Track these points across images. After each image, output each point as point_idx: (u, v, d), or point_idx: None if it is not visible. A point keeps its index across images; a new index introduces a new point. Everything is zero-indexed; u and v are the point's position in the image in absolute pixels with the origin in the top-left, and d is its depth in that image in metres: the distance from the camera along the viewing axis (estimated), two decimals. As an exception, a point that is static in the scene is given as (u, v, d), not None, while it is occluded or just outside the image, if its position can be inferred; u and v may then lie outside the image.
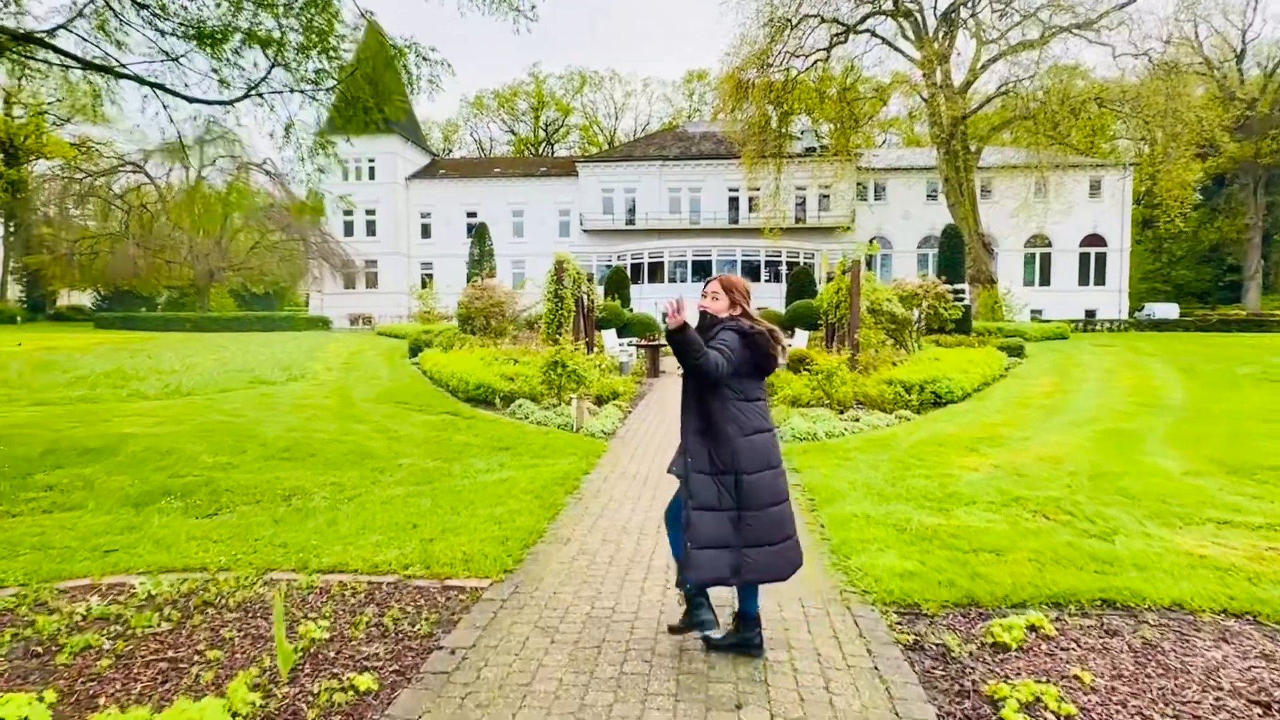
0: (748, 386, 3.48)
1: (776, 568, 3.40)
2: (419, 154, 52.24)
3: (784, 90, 36.79)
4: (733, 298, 3.59)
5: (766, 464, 3.43)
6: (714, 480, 3.38)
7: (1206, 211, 53.34)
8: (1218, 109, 38.21)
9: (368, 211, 49.03)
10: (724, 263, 41.59)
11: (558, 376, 11.47)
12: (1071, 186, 42.93)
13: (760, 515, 3.35)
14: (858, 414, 10.95)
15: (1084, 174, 44.47)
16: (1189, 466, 7.29)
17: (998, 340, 22.83)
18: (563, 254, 18.62)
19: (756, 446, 3.41)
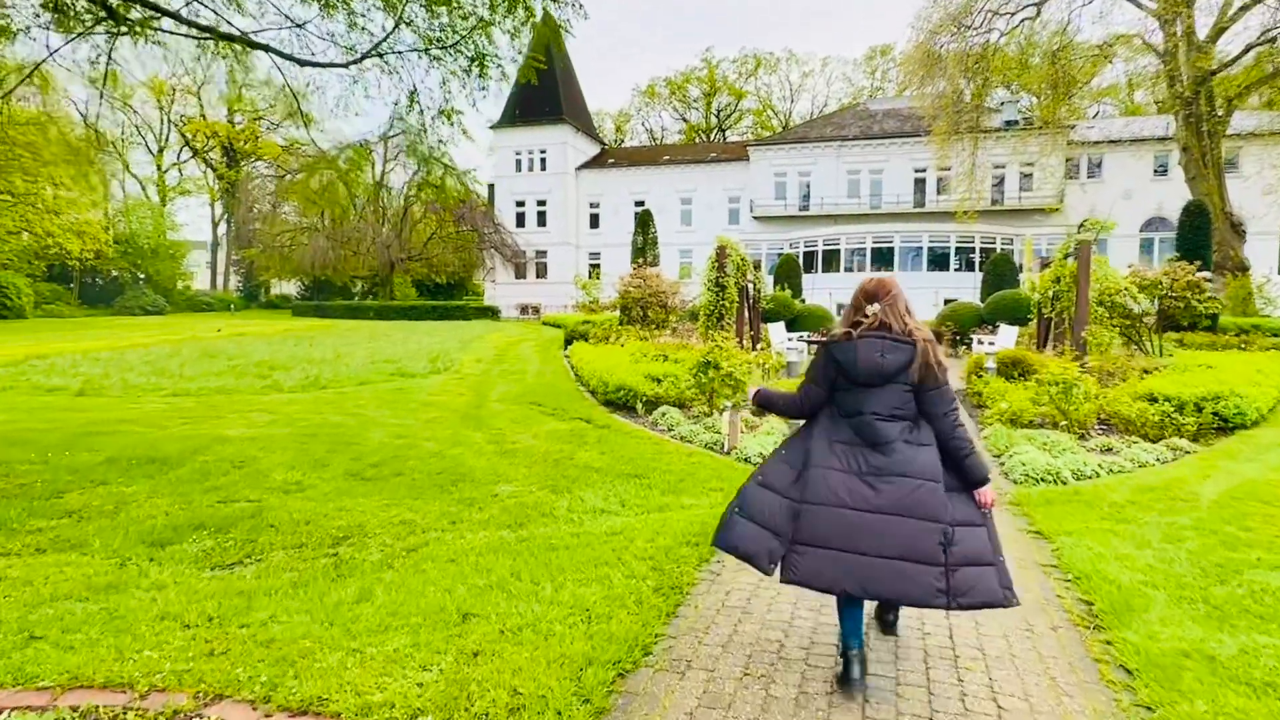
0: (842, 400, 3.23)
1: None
2: (589, 144, 51.86)
3: (981, 59, 32.46)
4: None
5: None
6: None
7: None
8: None
9: (539, 202, 49.22)
10: (908, 250, 37.68)
11: (708, 380, 9.45)
12: (1348, 155, 35.12)
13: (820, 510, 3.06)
14: (1108, 440, 8.09)
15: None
16: None
17: (1264, 340, 18.20)
18: (725, 238, 16.59)
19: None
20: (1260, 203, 35.34)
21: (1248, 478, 6.48)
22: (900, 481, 3.03)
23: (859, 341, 3.16)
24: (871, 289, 3.26)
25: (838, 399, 3.24)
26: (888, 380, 3.12)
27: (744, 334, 17.19)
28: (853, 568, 2.98)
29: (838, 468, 3.10)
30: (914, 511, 2.99)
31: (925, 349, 3.13)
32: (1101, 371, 12.67)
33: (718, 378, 9.46)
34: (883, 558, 2.96)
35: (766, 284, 29.90)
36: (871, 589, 3.01)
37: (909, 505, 3.00)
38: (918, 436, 3.13)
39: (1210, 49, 29.87)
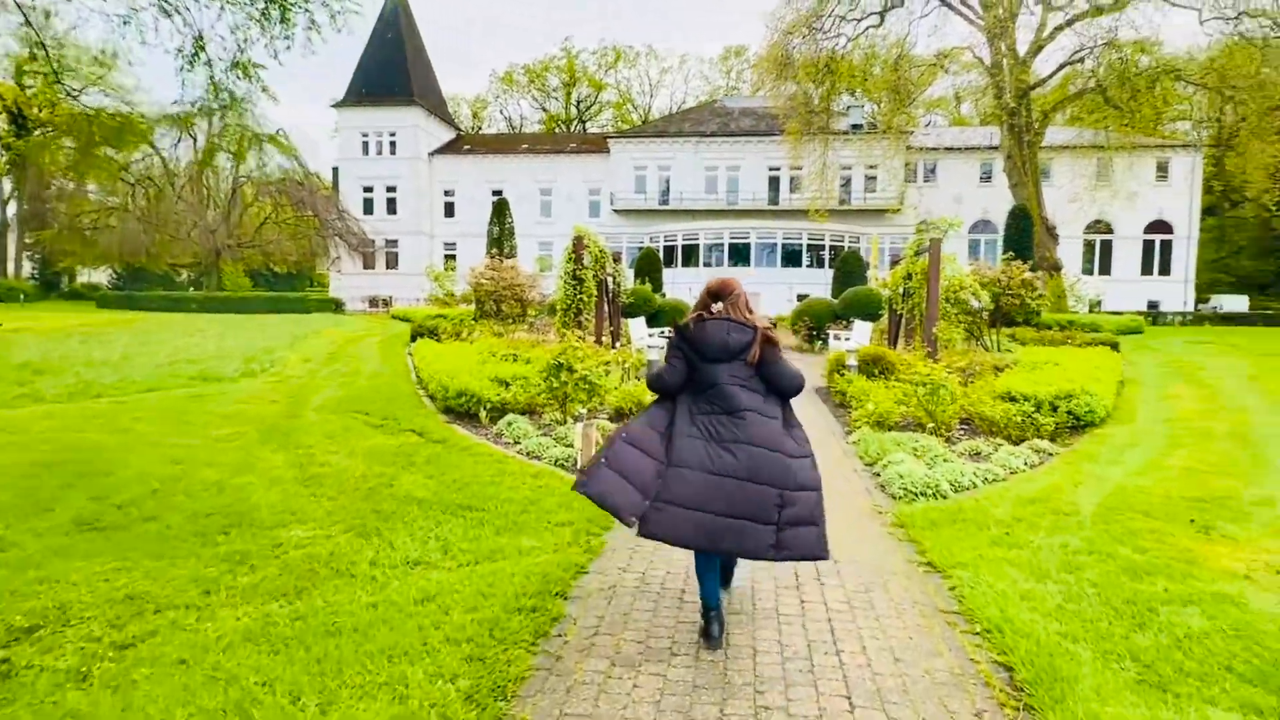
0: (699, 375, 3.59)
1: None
2: (444, 129, 49.25)
3: (828, 67, 33.20)
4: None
5: None
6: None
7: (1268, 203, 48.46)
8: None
9: (388, 188, 46.18)
10: (763, 246, 38.10)
11: (560, 384, 8.35)
12: (1136, 170, 38.73)
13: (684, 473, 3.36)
14: (975, 443, 7.69)
15: (1150, 156, 40.22)
16: None
17: (1082, 335, 19.27)
18: (582, 228, 15.56)
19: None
20: (1068, 210, 38.37)
21: (1117, 483, 6.15)
22: (752, 450, 3.39)
23: (709, 324, 3.59)
24: (715, 288, 3.74)
25: (701, 375, 3.58)
26: (733, 356, 3.55)
27: (603, 330, 16.23)
28: (706, 525, 3.29)
29: (699, 435, 3.45)
30: (760, 477, 3.35)
31: (763, 332, 3.60)
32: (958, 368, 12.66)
33: (571, 381, 8.39)
34: (730, 517, 3.30)
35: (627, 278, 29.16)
36: (719, 545, 3.36)
37: (757, 471, 3.36)
38: (767, 409, 3.55)
39: (1029, 65, 31.88)
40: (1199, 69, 31.00)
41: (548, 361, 8.43)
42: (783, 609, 3.89)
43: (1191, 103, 41.50)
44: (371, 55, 46.84)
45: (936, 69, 35.32)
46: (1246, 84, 28.57)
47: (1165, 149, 40.39)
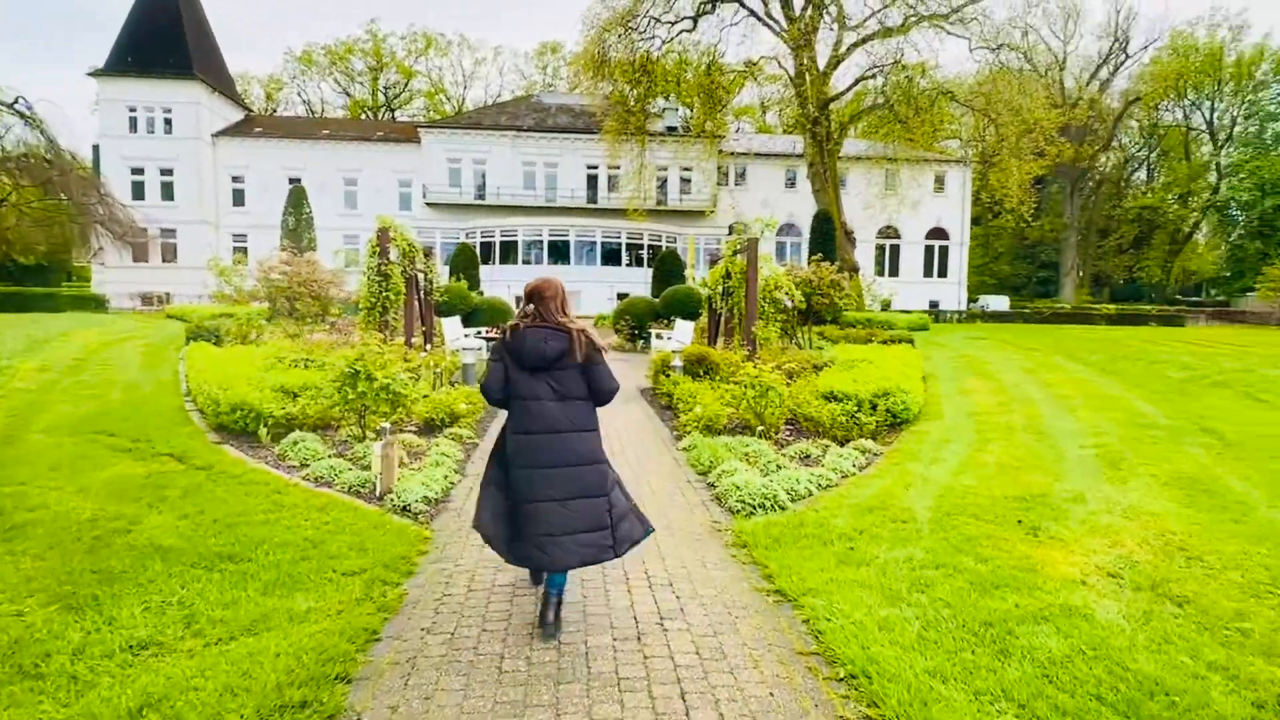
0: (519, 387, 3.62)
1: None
2: (230, 108, 44.47)
3: (644, 68, 33.48)
4: None
5: None
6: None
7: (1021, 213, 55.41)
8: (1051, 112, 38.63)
9: (163, 171, 41.00)
10: (583, 244, 37.72)
11: (357, 395, 7.24)
12: (919, 181, 42.58)
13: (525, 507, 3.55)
14: (804, 445, 7.52)
15: (930, 169, 44.27)
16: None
17: (884, 333, 20.53)
18: (388, 219, 14.23)
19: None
20: (862, 215, 41.36)
21: (944, 484, 6.12)
22: (575, 470, 3.55)
23: (525, 331, 3.59)
24: (531, 290, 3.71)
25: (517, 386, 3.59)
26: (552, 364, 3.56)
27: (414, 330, 14.97)
28: (554, 549, 3.47)
29: (524, 464, 3.55)
30: (588, 493, 3.56)
31: (578, 336, 3.58)
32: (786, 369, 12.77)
33: (370, 391, 7.30)
34: (570, 534, 3.49)
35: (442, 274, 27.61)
36: (568, 563, 3.51)
37: (584, 488, 3.55)
38: (583, 421, 3.62)
39: (829, 78, 33.89)
40: (968, 92, 34.39)
41: (341, 369, 7.28)
42: (624, 671, 3.24)
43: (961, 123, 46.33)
44: (141, 19, 41.33)
45: (746, 76, 36.62)
46: (1006, 108, 31.97)
47: (942, 163, 44.57)
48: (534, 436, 3.54)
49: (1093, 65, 51.34)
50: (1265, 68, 49.18)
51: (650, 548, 4.83)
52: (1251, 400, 10.32)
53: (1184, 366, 13.60)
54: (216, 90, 42.44)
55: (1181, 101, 52.80)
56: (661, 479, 6.66)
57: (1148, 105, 52.13)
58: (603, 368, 3.67)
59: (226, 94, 44.15)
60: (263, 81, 64.06)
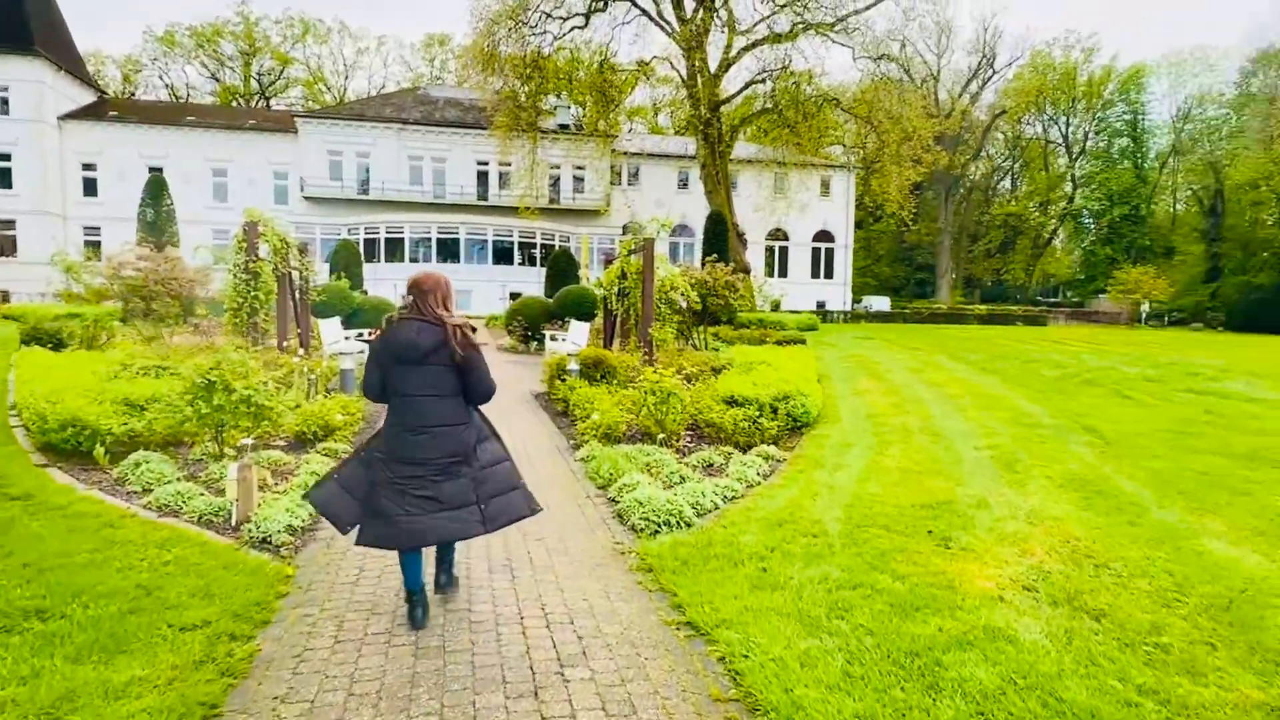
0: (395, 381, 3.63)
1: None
2: (80, 90, 40.54)
3: (535, 64, 32.83)
4: None
5: None
6: None
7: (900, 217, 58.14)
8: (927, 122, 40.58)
9: (0, 156, 36.98)
10: (473, 242, 36.62)
11: (212, 409, 6.39)
12: (806, 185, 43.77)
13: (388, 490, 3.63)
14: (706, 453, 7.23)
15: (816, 173, 45.56)
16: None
17: (778, 333, 20.77)
18: (257, 212, 13.15)
19: None
20: (752, 218, 42.09)
21: (851, 493, 5.95)
22: (444, 462, 3.63)
23: (400, 324, 3.64)
24: (411, 282, 3.72)
25: (393, 380, 3.63)
26: (424, 359, 3.57)
27: (287, 333, 13.86)
28: (410, 529, 3.57)
29: (396, 458, 3.62)
30: (453, 477, 3.65)
31: (452, 330, 3.58)
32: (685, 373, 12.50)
33: (228, 403, 6.47)
34: (430, 514, 3.59)
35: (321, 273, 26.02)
36: (427, 540, 3.65)
37: (449, 473, 3.64)
38: (457, 416, 3.67)
39: (720, 80, 34.26)
40: (852, 100, 35.54)
41: (193, 378, 6.40)
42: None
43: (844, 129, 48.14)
44: (-27, -13, 37.10)
45: (638, 76, 36.55)
46: (887, 116, 33.21)
47: (829, 168, 45.99)
48: (407, 431, 3.59)
49: (964, 79, 54.34)
50: (1112, 87, 53.54)
51: (548, 578, 4.38)
52: (1121, 398, 10.86)
53: (1056, 365, 14.31)
54: (62, 69, 38.58)
55: (1041, 116, 56.73)
56: (559, 493, 6.19)
57: (1012, 119, 55.73)
58: (480, 366, 3.67)
59: (75, 74, 40.21)
60: (119, 62, 58.97)
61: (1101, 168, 53.62)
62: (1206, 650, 3.38)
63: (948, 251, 55.07)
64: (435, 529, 3.58)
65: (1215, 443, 7.75)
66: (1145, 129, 53.81)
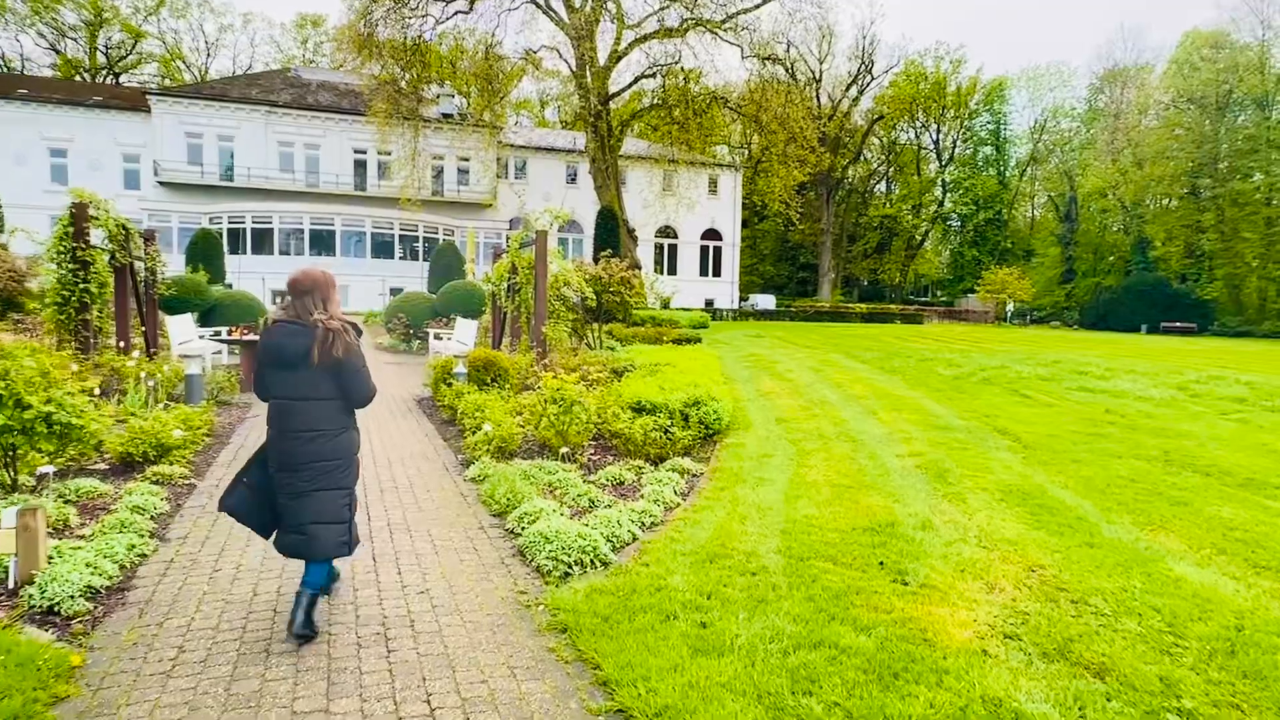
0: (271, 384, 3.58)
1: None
2: (-117, 53, 35.21)
3: (415, 51, 31.01)
4: None
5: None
6: None
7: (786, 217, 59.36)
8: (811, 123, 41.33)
9: None
10: (350, 234, 34.26)
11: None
12: (695, 183, 43.66)
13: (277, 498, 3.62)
14: (615, 469, 6.38)
15: (705, 172, 45.62)
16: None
17: (674, 331, 20.20)
18: (88, 193, 11.31)
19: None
20: (642, 214, 41.58)
21: (784, 516, 5.26)
22: (315, 467, 3.52)
23: (274, 327, 3.53)
24: (289, 282, 3.59)
25: (271, 384, 3.55)
26: (299, 362, 3.46)
27: (129, 331, 12.02)
28: (293, 539, 3.56)
29: (277, 464, 3.56)
30: (328, 486, 3.56)
31: (324, 334, 3.43)
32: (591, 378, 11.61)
33: (19, 422, 5.07)
34: (308, 523, 3.53)
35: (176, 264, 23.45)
36: (302, 552, 3.55)
37: (325, 483, 3.55)
38: (334, 421, 3.57)
39: (610, 73, 33.50)
40: (741, 99, 35.61)
41: (-30, 394, 4.97)
42: None
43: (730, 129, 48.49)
44: None
45: (526, 65, 35.27)
46: (774, 117, 33.42)
47: (717, 167, 46.16)
48: (285, 435, 3.53)
49: (844, 83, 55.92)
50: (978, 98, 56.58)
51: (437, 647, 3.42)
52: (1020, 397, 10.82)
53: (950, 364, 14.36)
54: None
55: (914, 123, 59.25)
56: (447, 525, 5.19)
57: (888, 124, 57.89)
58: (356, 371, 3.55)
59: (-125, 34, 34.86)
60: (-66, 25, 51.85)
61: (968, 174, 56.58)
62: (1237, 716, 2.84)
63: (829, 251, 56.58)
64: (309, 545, 3.53)
65: (1127, 445, 7.61)
66: (1007, 138, 57.26)
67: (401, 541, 4.80)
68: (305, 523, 3.51)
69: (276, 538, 3.64)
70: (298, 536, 3.53)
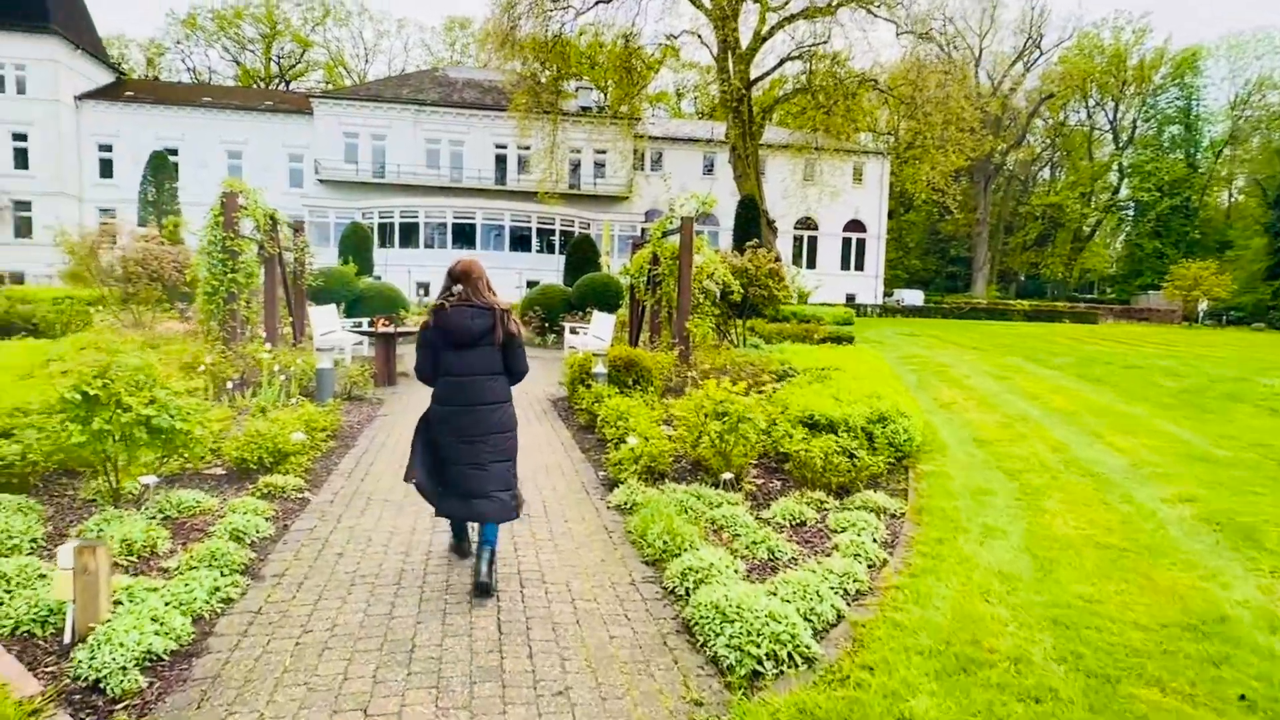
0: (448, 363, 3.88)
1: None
2: (97, 69, 38.91)
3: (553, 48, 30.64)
4: None
5: None
6: None
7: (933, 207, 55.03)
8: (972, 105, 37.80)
9: (16, 136, 35.48)
10: (489, 228, 34.55)
11: (91, 435, 4.34)
12: (838, 172, 41.07)
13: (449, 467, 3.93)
14: (788, 502, 5.06)
15: (850, 160, 42.95)
16: None
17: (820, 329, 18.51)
18: (239, 183, 11.14)
19: None
20: (780, 205, 39.57)
21: (1048, 596, 3.78)
22: (493, 439, 3.88)
23: (452, 310, 3.81)
24: (457, 272, 3.90)
25: (445, 363, 3.85)
26: (477, 342, 3.81)
27: (276, 321, 11.88)
28: (480, 504, 3.85)
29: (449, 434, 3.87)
30: (500, 457, 3.92)
31: (500, 313, 3.84)
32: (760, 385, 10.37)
33: (118, 427, 4.40)
34: (489, 493, 3.85)
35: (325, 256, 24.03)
36: (491, 516, 3.83)
37: (500, 453, 3.91)
38: (502, 394, 3.93)
39: (753, 57, 31.88)
40: (893, 80, 32.97)
41: (63, 392, 4.36)
42: None
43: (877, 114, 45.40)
44: (-11, -35, 35.54)
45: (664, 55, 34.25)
46: (932, 99, 30.65)
47: (863, 154, 43.36)
48: (459, 409, 3.83)
49: (1006, 62, 51.32)
50: (1164, 71, 50.29)
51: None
52: None
53: (1170, 373, 11.96)
54: (79, 48, 36.95)
55: (1085, 102, 53.57)
56: (590, 577, 4.07)
57: (1055, 105, 52.64)
58: (520, 347, 3.94)
59: (92, 53, 38.58)
60: (143, 46, 57.49)
61: (1151, 156, 50.39)
62: None
63: (985, 243, 52.19)
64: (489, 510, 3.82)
65: None
66: (1199, 115, 50.50)
67: (535, 601, 3.72)
68: (490, 491, 3.81)
69: (455, 506, 3.90)
70: (485, 502, 3.80)
